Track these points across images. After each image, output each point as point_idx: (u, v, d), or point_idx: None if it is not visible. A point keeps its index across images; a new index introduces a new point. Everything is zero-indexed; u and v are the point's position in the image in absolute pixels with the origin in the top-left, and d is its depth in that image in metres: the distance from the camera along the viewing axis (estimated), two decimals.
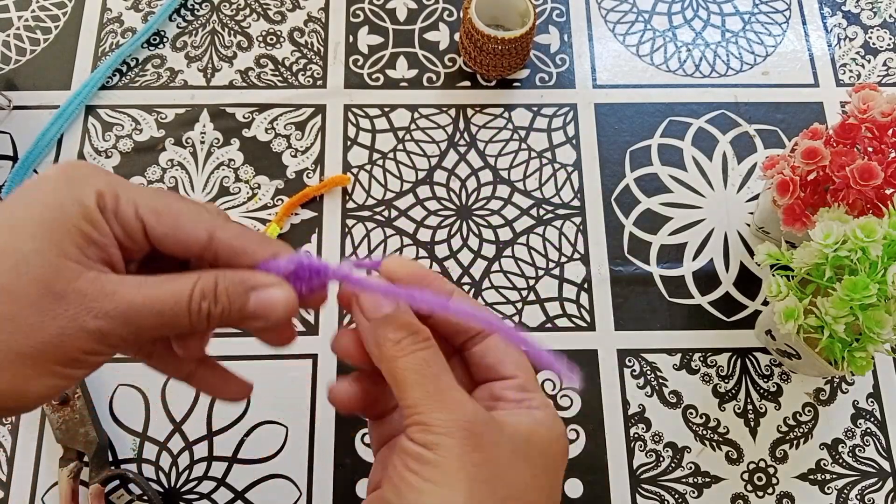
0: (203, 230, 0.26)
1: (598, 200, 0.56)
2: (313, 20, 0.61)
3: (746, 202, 0.56)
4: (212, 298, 0.26)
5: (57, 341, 0.24)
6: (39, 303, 0.24)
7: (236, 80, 0.59)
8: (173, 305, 0.25)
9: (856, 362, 0.41)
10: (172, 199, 0.27)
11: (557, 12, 0.63)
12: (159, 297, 0.25)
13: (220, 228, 0.27)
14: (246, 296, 0.27)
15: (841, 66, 0.61)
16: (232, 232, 0.27)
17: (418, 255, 0.54)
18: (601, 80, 0.60)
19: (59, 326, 0.24)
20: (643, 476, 0.49)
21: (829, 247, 0.39)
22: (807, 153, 0.44)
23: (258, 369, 0.50)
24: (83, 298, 0.24)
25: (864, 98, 0.44)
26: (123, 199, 0.26)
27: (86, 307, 0.24)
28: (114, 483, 0.48)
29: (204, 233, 0.26)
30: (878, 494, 0.49)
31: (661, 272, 0.54)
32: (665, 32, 0.62)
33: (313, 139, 0.57)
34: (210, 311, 0.26)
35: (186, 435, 0.49)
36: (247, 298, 0.27)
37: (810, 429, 0.50)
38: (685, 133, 0.58)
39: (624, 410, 0.50)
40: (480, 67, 0.58)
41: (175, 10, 0.61)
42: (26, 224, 0.24)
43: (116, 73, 0.59)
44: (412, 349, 0.28)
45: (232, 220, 0.28)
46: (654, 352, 0.52)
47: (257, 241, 0.28)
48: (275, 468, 0.48)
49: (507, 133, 0.58)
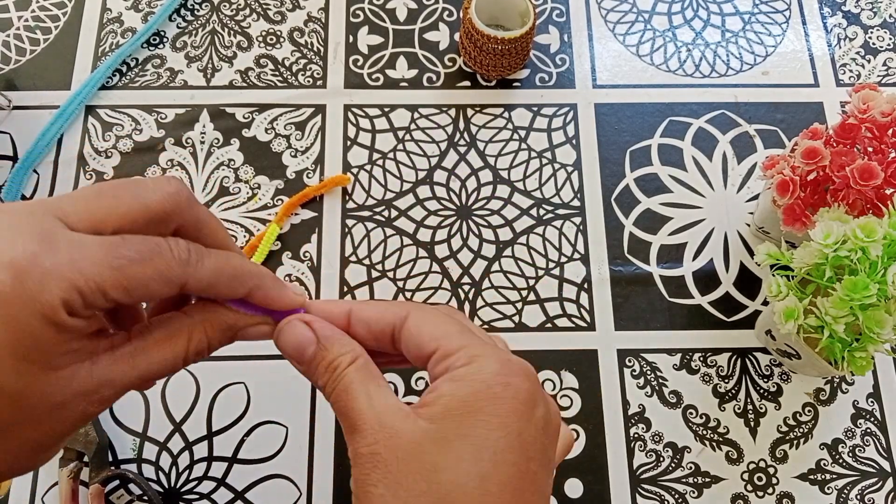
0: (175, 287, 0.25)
1: (598, 200, 0.56)
2: (313, 20, 0.61)
3: (746, 202, 0.56)
4: (204, 351, 0.28)
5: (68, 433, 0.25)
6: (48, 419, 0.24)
7: (236, 80, 0.59)
8: (171, 370, 0.27)
9: (856, 362, 0.41)
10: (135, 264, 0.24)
11: (557, 12, 0.63)
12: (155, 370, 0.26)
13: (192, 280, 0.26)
14: (234, 336, 0.29)
15: (841, 66, 0.61)
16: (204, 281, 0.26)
17: (418, 255, 0.54)
18: (601, 80, 0.60)
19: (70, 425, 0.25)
20: (643, 476, 0.49)
21: (829, 247, 0.39)
22: (807, 153, 0.44)
23: (258, 369, 0.50)
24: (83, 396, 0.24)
25: (864, 98, 0.44)
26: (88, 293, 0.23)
27: (87, 401, 0.25)
28: (114, 483, 0.48)
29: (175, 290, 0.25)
30: (878, 494, 0.49)
31: (661, 272, 0.54)
32: (665, 32, 0.62)
33: (313, 139, 0.57)
34: (201, 357, 0.28)
35: (186, 435, 0.49)
36: (233, 336, 0.29)
37: (810, 429, 0.50)
38: (685, 133, 0.58)
39: (624, 410, 0.50)
40: (480, 67, 0.58)
41: (175, 10, 0.61)
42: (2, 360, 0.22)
43: (116, 73, 0.59)
44: (332, 387, 0.28)
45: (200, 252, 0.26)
46: (654, 352, 0.52)
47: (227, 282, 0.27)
48: (275, 468, 0.48)
49: (507, 133, 0.58)
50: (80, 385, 0.24)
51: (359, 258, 0.54)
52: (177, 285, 0.25)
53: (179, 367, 0.27)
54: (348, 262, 0.53)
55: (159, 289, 0.25)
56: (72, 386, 0.24)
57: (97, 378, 0.24)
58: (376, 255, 0.54)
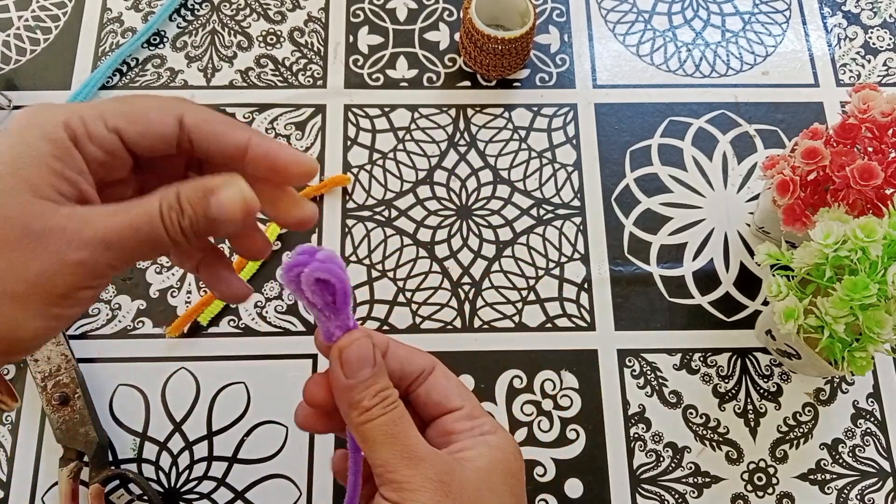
0: (172, 118, 0.27)
1: (598, 200, 0.56)
2: (313, 20, 0.61)
3: (746, 202, 0.56)
4: (177, 209, 0.26)
5: (42, 280, 0.24)
6: (19, 244, 0.24)
7: (236, 80, 0.59)
8: (148, 221, 0.26)
9: (856, 362, 0.41)
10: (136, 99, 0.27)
11: (557, 12, 0.63)
12: (133, 217, 0.26)
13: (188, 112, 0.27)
14: (206, 200, 0.26)
15: (841, 66, 0.61)
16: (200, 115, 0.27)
17: (418, 254, 0.54)
18: (601, 80, 0.60)
19: (42, 264, 0.24)
20: (643, 476, 0.49)
21: (829, 247, 0.39)
22: (807, 153, 0.44)
23: (258, 369, 0.50)
24: (62, 233, 0.24)
25: (864, 98, 0.44)
26: (89, 118, 0.26)
27: (66, 240, 0.24)
28: (114, 483, 0.48)
29: (173, 120, 0.27)
30: (878, 494, 0.49)
31: (661, 272, 0.54)
32: (665, 32, 0.62)
33: (313, 139, 0.57)
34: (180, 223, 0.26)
35: (186, 435, 0.49)
36: (207, 203, 0.26)
37: (810, 429, 0.50)
38: (685, 133, 0.58)
39: (624, 410, 0.50)
40: (480, 67, 0.58)
41: (175, 10, 0.61)
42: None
43: (116, 73, 0.59)
44: (381, 412, 0.29)
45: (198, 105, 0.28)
46: (654, 352, 0.52)
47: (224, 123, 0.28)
48: (275, 468, 0.48)
49: (507, 133, 0.58)
50: (61, 220, 0.24)
51: (359, 258, 0.54)
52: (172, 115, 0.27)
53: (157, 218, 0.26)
54: (349, 262, 0.53)
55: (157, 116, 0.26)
56: (54, 218, 0.24)
57: (78, 217, 0.25)
58: (376, 255, 0.54)
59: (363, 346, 0.30)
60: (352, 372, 0.29)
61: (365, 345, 0.30)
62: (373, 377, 0.29)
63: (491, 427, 0.32)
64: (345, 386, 0.29)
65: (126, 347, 0.51)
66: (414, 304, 0.53)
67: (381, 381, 0.30)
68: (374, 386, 0.29)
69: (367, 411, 0.29)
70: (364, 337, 0.30)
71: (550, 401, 0.50)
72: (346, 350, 0.30)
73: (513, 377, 0.51)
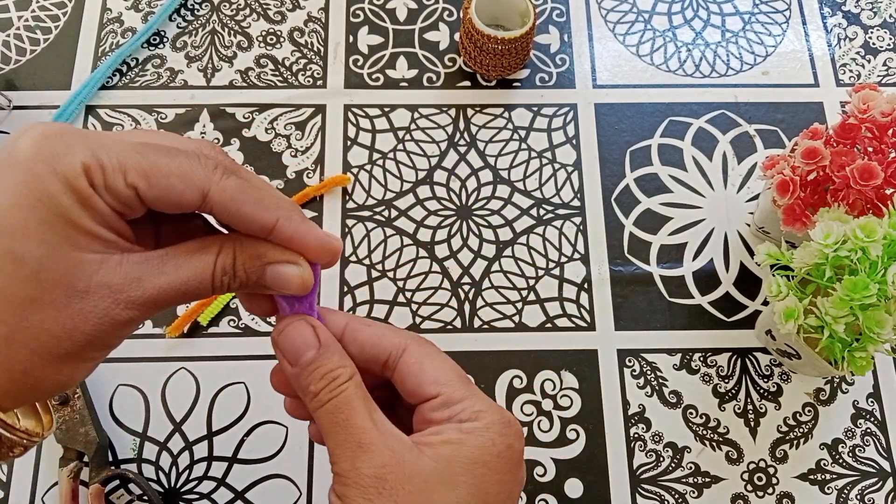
0: (196, 191, 0.24)
1: (598, 200, 0.56)
2: (313, 20, 0.61)
3: (746, 202, 0.56)
4: (231, 274, 0.26)
5: (92, 338, 0.24)
6: (68, 307, 0.23)
7: (236, 80, 0.59)
8: (198, 285, 0.25)
9: (856, 362, 0.41)
10: (160, 155, 0.24)
11: (557, 12, 0.63)
12: (185, 280, 0.25)
13: (215, 188, 0.25)
14: (263, 269, 0.26)
15: (841, 66, 0.61)
16: (228, 193, 0.25)
17: (418, 254, 0.54)
18: (601, 80, 0.60)
19: (93, 325, 0.23)
20: (643, 476, 0.49)
21: (829, 247, 0.39)
22: (807, 153, 0.44)
23: (258, 369, 0.50)
24: (109, 291, 0.23)
25: (864, 98, 0.44)
26: (109, 168, 0.23)
27: (114, 300, 0.23)
28: (114, 483, 0.48)
29: (197, 195, 0.25)
30: (878, 494, 0.49)
31: (661, 272, 0.54)
32: (665, 32, 0.62)
33: (313, 139, 0.57)
34: (230, 284, 0.26)
35: (186, 435, 0.49)
36: (263, 272, 0.26)
37: (810, 429, 0.50)
38: (685, 133, 0.58)
39: (624, 410, 0.50)
40: (480, 67, 0.58)
41: (175, 10, 0.61)
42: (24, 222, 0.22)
43: (116, 73, 0.59)
44: (328, 397, 0.27)
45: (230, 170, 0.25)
46: (654, 352, 0.52)
47: (252, 203, 0.25)
48: (275, 468, 0.48)
49: (507, 133, 0.58)
50: (107, 276, 0.23)
51: (359, 258, 0.54)
52: (198, 189, 0.24)
53: (208, 281, 0.25)
54: (348, 262, 0.53)
55: (180, 186, 0.24)
56: (98, 274, 0.23)
57: (125, 273, 0.24)
58: (376, 255, 0.54)
59: (296, 328, 0.28)
60: (293, 358, 0.28)
61: (298, 327, 0.28)
62: (316, 360, 0.28)
63: (472, 413, 0.28)
64: (291, 374, 0.28)
65: (126, 347, 0.50)
66: (414, 304, 0.53)
67: (327, 363, 0.28)
68: (319, 369, 0.28)
69: (315, 397, 0.27)
70: (297, 320, 0.28)
71: (550, 401, 0.50)
72: (280, 337, 0.28)
73: (513, 377, 0.51)
